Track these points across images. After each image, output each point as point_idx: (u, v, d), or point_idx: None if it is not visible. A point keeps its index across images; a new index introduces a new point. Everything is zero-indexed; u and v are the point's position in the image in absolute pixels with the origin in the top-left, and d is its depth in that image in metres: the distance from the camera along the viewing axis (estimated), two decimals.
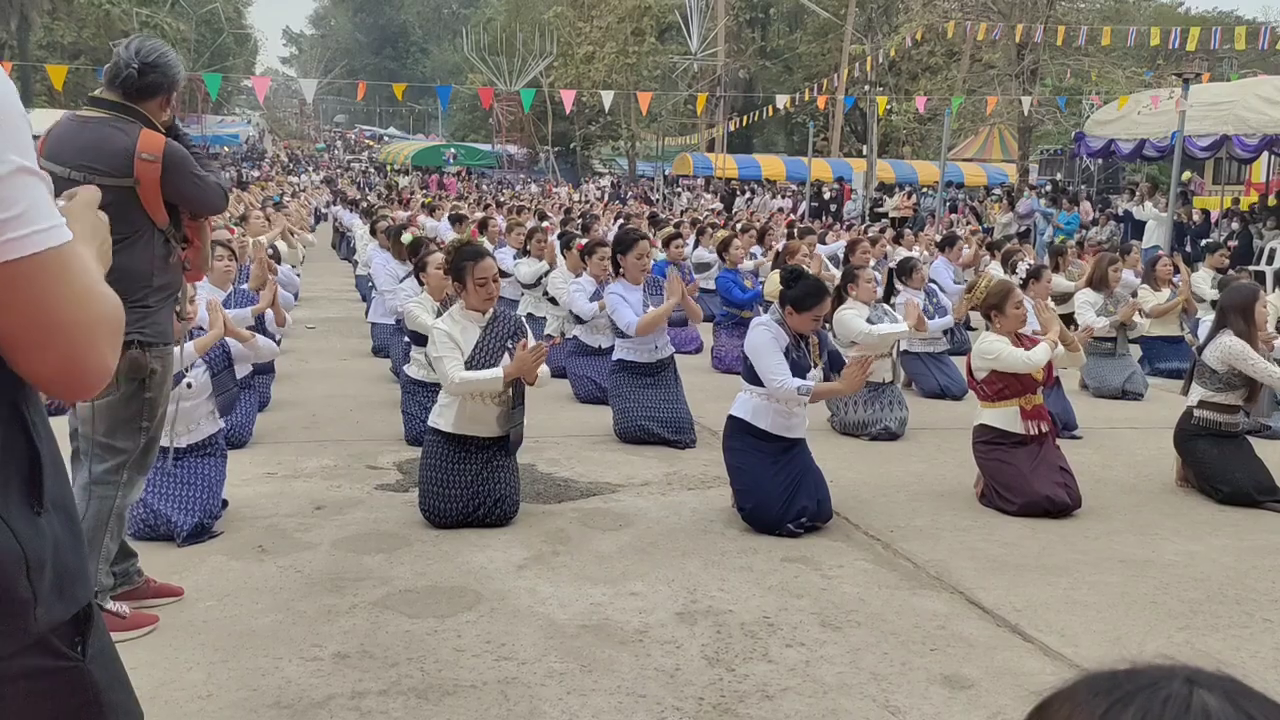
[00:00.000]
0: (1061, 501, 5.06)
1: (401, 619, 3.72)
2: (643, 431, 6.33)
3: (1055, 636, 3.72)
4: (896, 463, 6.16)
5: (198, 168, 3.47)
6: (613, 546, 4.56)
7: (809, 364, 4.91)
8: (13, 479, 1.22)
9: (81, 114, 3.44)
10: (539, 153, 49.32)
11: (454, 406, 4.78)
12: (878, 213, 26.21)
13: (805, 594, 4.07)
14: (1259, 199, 20.45)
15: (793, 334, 4.91)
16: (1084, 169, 25.01)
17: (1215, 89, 19.24)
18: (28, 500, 1.25)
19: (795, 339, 4.92)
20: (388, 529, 4.70)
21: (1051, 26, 23.95)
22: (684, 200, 32.83)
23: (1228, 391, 5.55)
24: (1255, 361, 5.45)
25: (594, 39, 41.66)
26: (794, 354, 4.87)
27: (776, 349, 4.84)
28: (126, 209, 3.27)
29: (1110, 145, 20.13)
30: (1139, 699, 0.81)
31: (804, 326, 4.93)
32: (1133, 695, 0.82)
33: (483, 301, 4.86)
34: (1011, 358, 5.25)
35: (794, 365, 4.83)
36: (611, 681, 3.29)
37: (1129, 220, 18.98)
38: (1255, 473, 5.46)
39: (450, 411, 4.79)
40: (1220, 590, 4.24)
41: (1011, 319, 5.37)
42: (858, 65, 31.34)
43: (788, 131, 48.99)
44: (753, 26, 47.95)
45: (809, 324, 4.93)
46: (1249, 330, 5.52)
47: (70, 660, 1.28)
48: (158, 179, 3.35)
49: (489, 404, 4.76)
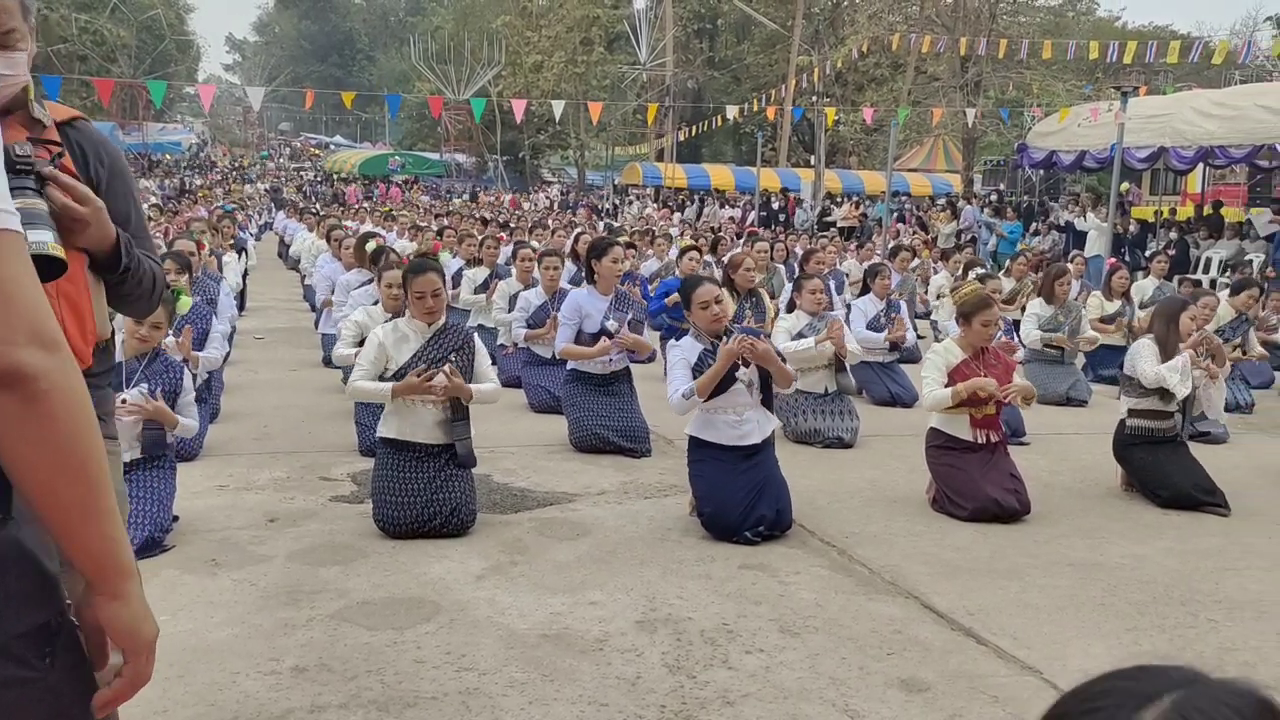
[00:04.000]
0: (1010, 506, 5.15)
1: (360, 631, 3.69)
2: (598, 440, 6.34)
3: (1008, 639, 3.79)
4: (850, 469, 6.22)
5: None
6: (571, 556, 4.56)
7: (735, 364, 4.90)
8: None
9: None
10: (488, 161, 49.15)
11: (396, 412, 4.80)
12: (826, 222, 26.48)
13: (764, 600, 4.10)
14: (1195, 210, 20.98)
15: (708, 341, 4.96)
16: (1026, 179, 25.48)
17: (1153, 102, 19.71)
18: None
19: (712, 343, 4.95)
20: (343, 540, 4.66)
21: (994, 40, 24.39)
22: (634, 209, 32.88)
23: (1152, 397, 5.69)
24: (1142, 361, 5.62)
25: (542, 48, 41.60)
26: (711, 359, 4.88)
27: (681, 365, 4.92)
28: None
29: (1052, 156, 20.55)
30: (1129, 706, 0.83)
31: (703, 323, 4.97)
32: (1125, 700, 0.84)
33: (423, 314, 4.87)
34: (925, 383, 5.38)
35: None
36: (573, 691, 3.29)
37: (1070, 230, 19.37)
38: (1193, 475, 5.60)
39: (393, 418, 4.82)
40: (1166, 592, 4.34)
41: (976, 332, 5.43)
42: (805, 76, 31.66)
43: (736, 141, 49.32)
44: (701, 37, 48.19)
45: (706, 320, 4.95)
46: (1167, 334, 5.68)
47: (37, 671, 1.26)
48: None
49: (426, 408, 4.77)
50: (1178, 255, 17.26)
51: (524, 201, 35.76)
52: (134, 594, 1.35)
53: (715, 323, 4.95)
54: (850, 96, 34.86)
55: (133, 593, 1.35)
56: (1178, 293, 9.27)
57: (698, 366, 4.90)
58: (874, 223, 25.02)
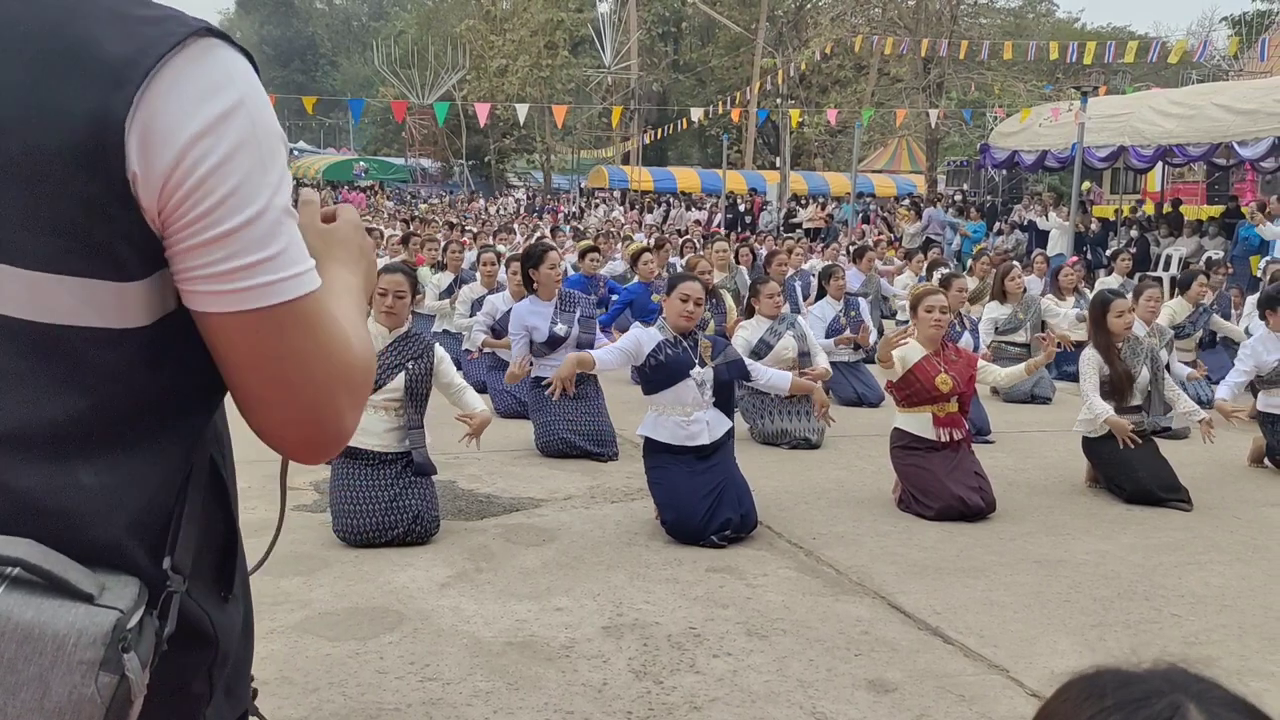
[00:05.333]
0: (975, 505, 5.17)
1: (321, 642, 3.63)
2: (565, 445, 6.30)
3: (974, 638, 3.79)
4: (816, 470, 6.22)
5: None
6: (537, 562, 4.52)
7: (691, 361, 4.95)
8: (208, 559, 1.12)
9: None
10: (453, 166, 48.94)
11: None
12: (792, 224, 26.57)
13: (731, 604, 4.08)
14: (1154, 208, 21.23)
15: (673, 332, 4.99)
16: (990, 180, 25.69)
17: (1112, 102, 19.94)
18: (218, 585, 1.14)
19: (676, 337, 4.97)
20: (305, 550, 4.59)
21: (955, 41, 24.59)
22: (600, 212, 32.85)
23: (1111, 399, 5.73)
24: (1085, 381, 5.73)
25: (507, 52, 41.46)
26: (669, 350, 4.93)
27: (635, 339, 5.02)
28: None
29: (1014, 156, 20.73)
30: (1121, 713, 0.82)
31: (674, 314, 5.01)
32: (1118, 708, 0.83)
33: (383, 314, 4.85)
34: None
35: (671, 361, 4.92)
36: (538, 699, 3.25)
37: (1033, 229, 19.54)
38: (1158, 471, 5.64)
39: None
40: (1130, 587, 4.36)
41: (922, 320, 5.46)
42: (769, 78, 31.76)
43: (702, 144, 49.39)
44: (665, 40, 48.25)
45: (678, 312, 4.99)
46: (1102, 336, 5.72)
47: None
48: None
49: (376, 415, 4.74)
50: (1138, 253, 17.46)
51: (490, 206, 35.60)
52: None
53: (685, 319, 4.98)
54: (815, 99, 35.03)
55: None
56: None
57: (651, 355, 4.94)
58: (840, 224, 25.14)
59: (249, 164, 1.03)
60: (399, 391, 4.75)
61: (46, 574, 0.95)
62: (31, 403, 1.01)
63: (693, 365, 4.92)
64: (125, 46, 0.98)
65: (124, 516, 1.05)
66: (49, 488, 1.01)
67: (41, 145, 0.97)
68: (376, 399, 4.73)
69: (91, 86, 0.97)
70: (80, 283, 1.00)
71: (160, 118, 0.99)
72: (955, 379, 5.33)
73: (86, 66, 0.97)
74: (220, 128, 1.01)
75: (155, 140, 0.99)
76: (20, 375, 1.01)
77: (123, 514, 1.04)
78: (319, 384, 1.09)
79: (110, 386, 1.05)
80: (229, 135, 1.02)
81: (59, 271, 0.99)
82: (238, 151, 1.02)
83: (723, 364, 5.02)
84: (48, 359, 1.02)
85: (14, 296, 0.99)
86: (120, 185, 0.99)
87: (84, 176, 0.98)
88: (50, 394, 1.02)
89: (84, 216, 0.99)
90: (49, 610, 0.94)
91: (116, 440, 1.05)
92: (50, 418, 1.02)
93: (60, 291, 1.00)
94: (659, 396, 4.96)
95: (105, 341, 1.03)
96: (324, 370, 1.09)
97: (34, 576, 0.94)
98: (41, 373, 1.02)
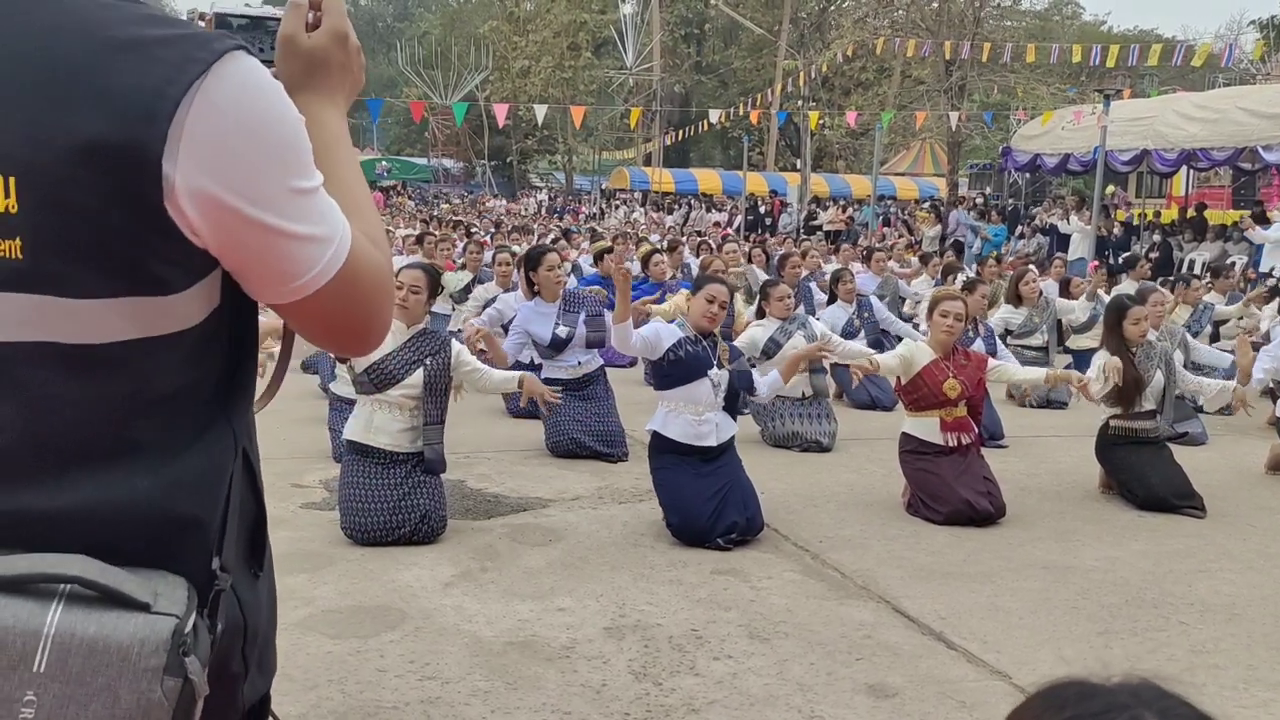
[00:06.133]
0: (984, 509, 5.13)
1: (323, 640, 3.65)
2: (575, 444, 6.31)
3: (977, 644, 3.77)
4: (826, 473, 6.20)
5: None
6: (542, 562, 4.52)
7: (710, 361, 4.95)
8: (241, 539, 1.15)
9: None
10: (475, 167, 49.06)
11: (361, 415, 4.77)
12: (813, 226, 26.50)
13: (734, 606, 4.07)
14: (1179, 212, 21.04)
15: (695, 330, 4.98)
16: (1012, 183, 25.54)
17: (1135, 105, 19.78)
18: (249, 562, 1.18)
19: (697, 336, 4.97)
20: (313, 548, 4.61)
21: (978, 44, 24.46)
22: (620, 214, 32.86)
23: (1120, 402, 5.67)
24: (1093, 369, 5.65)
25: (530, 53, 41.56)
26: (689, 347, 4.92)
27: (656, 330, 5.01)
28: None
29: (1036, 159, 20.61)
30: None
31: (698, 316, 5.00)
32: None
33: (398, 307, 4.87)
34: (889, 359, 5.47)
35: (690, 358, 4.91)
36: (536, 699, 3.25)
37: (1054, 233, 19.41)
38: (1172, 478, 5.58)
39: (357, 421, 4.80)
40: (1139, 594, 4.32)
41: (936, 324, 5.43)
42: (791, 80, 31.67)
43: (724, 146, 49.30)
44: (688, 42, 48.21)
45: (701, 311, 4.98)
46: (1116, 342, 5.67)
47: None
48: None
49: (395, 415, 4.75)
50: (1161, 257, 17.31)
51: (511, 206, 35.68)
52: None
53: (708, 321, 5.00)
54: (837, 101, 34.92)
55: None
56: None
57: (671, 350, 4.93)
58: (861, 226, 25.05)
59: (278, 168, 1.06)
60: (418, 387, 4.76)
61: (102, 588, 0.99)
62: (82, 422, 1.05)
63: (711, 365, 4.92)
64: (149, 78, 0.99)
65: (177, 519, 1.08)
66: (104, 500, 1.05)
67: (73, 179, 0.98)
68: (394, 394, 4.74)
69: (121, 120, 0.98)
70: (126, 302, 1.03)
71: (193, 146, 1.00)
72: (964, 384, 5.30)
73: (111, 100, 0.98)
74: (250, 143, 1.03)
75: (189, 168, 1.01)
76: (72, 398, 1.04)
77: (175, 516, 1.08)
78: (371, 310, 1.17)
79: (161, 390, 1.08)
80: (258, 147, 1.04)
81: (103, 296, 1.02)
82: (266, 159, 1.05)
83: (735, 371, 5.04)
84: (99, 377, 1.05)
85: (57, 324, 1.02)
86: (157, 213, 1.01)
87: (119, 208, 1.00)
88: (103, 410, 1.06)
89: (122, 244, 1.01)
90: (110, 623, 0.98)
91: (168, 444, 1.09)
92: (105, 433, 1.06)
93: (107, 314, 1.03)
94: (672, 393, 4.95)
95: (155, 350, 1.06)
96: (373, 300, 1.17)
97: (90, 591, 0.98)
98: (94, 391, 1.05)
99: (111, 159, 0.98)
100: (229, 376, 1.15)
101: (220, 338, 1.13)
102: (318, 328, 1.17)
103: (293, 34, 1.22)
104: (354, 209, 1.15)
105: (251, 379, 1.21)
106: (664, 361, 4.95)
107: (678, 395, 4.93)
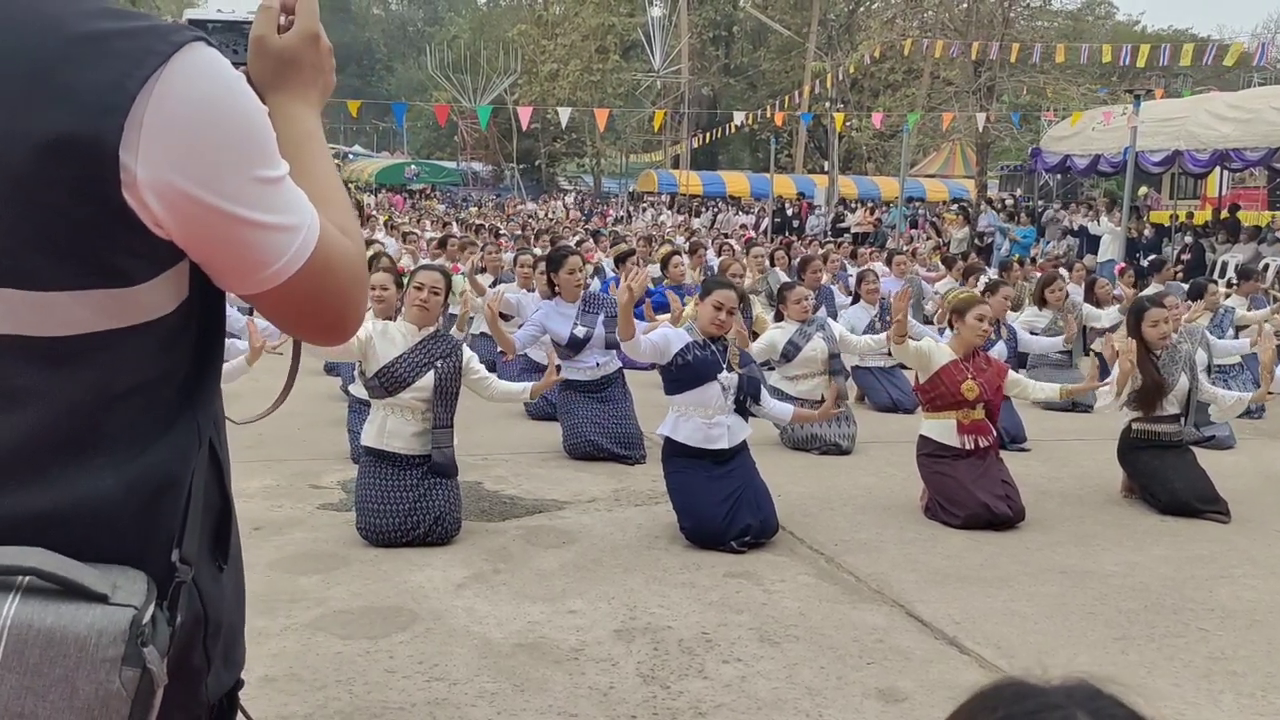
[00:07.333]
0: (1002, 513, 5.08)
1: (333, 640, 3.66)
2: (592, 447, 6.31)
3: (991, 648, 3.73)
4: (844, 476, 6.16)
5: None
6: (554, 564, 4.52)
7: (719, 365, 4.93)
8: (205, 531, 1.16)
9: None
10: (504, 170, 49.25)
11: (376, 420, 4.80)
12: (840, 228, 26.39)
13: (745, 609, 4.05)
14: (1212, 213, 20.77)
15: (703, 335, 4.96)
16: (1043, 184, 25.31)
17: (1167, 105, 19.55)
18: (213, 554, 1.19)
19: (705, 340, 4.95)
20: (327, 549, 4.64)
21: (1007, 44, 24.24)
22: (648, 216, 32.86)
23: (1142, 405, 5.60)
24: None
25: (558, 57, 41.67)
26: (697, 351, 4.91)
27: (664, 335, 5.00)
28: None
29: (1066, 160, 20.41)
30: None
31: (706, 318, 4.97)
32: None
33: (416, 307, 4.92)
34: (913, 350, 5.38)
35: (699, 363, 4.89)
36: (543, 701, 3.25)
37: (1084, 235, 19.22)
38: (1195, 483, 5.50)
39: (372, 426, 4.83)
40: (1158, 600, 4.26)
41: (970, 327, 5.36)
42: (819, 82, 31.55)
43: (752, 148, 49.20)
44: (716, 44, 48.15)
45: (709, 317, 4.95)
46: (1137, 341, 5.60)
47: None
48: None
49: (407, 419, 4.77)
50: (1194, 259, 17.09)
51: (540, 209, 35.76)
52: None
53: (716, 327, 4.97)
54: (865, 102, 34.75)
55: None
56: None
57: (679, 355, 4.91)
58: (889, 228, 24.91)
59: (240, 158, 1.06)
60: (428, 391, 4.78)
61: (60, 580, 0.99)
62: (49, 416, 1.05)
63: (720, 369, 4.91)
64: (107, 72, 1.00)
65: (138, 513, 1.08)
66: (69, 496, 1.05)
67: (35, 174, 0.99)
68: (405, 398, 4.76)
69: (80, 114, 0.98)
70: (93, 294, 1.03)
71: (152, 138, 1.00)
72: (982, 387, 5.25)
73: (71, 94, 0.99)
74: (210, 133, 1.03)
75: (150, 160, 1.01)
76: (38, 391, 1.04)
77: (137, 511, 1.08)
78: (344, 300, 1.18)
79: (129, 383, 1.08)
80: (219, 137, 1.04)
81: (67, 288, 1.02)
82: (227, 149, 1.04)
83: (745, 376, 5.01)
84: (67, 370, 1.05)
85: (24, 317, 1.02)
86: (118, 206, 1.01)
87: (80, 201, 1.00)
88: (69, 403, 1.06)
89: (84, 237, 1.01)
90: (68, 614, 0.98)
91: (135, 437, 1.09)
92: (72, 426, 1.06)
93: (71, 306, 1.03)
94: (682, 397, 4.95)
95: (123, 342, 1.07)
96: (345, 290, 1.17)
97: (47, 583, 0.99)
98: (62, 384, 1.05)
99: (73, 153, 0.99)
100: (196, 368, 1.16)
101: (190, 329, 1.14)
102: (290, 317, 1.18)
103: (263, 35, 1.24)
104: (323, 200, 1.16)
105: (218, 370, 1.21)
106: (672, 366, 4.94)
107: (687, 399, 4.92)
